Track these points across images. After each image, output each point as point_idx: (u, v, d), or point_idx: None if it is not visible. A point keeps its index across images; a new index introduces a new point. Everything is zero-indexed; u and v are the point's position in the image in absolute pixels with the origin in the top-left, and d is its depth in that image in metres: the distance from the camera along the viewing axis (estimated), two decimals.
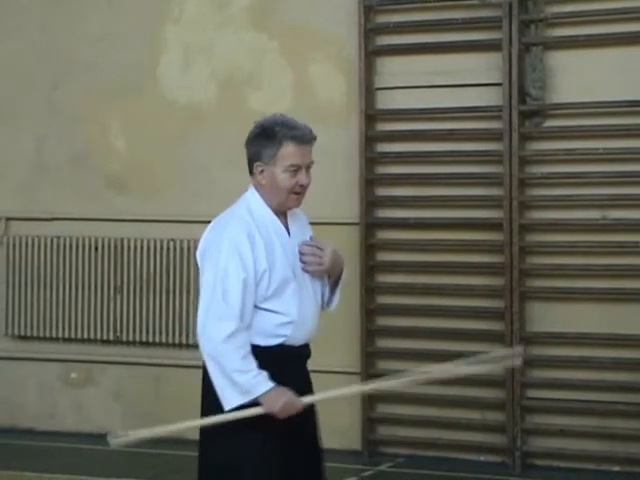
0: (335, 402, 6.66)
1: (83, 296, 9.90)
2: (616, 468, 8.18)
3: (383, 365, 8.97)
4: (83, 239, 9.85)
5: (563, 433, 8.37)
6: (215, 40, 9.55)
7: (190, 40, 9.64)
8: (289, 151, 4.52)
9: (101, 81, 9.88)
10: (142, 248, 9.67)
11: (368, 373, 8.76)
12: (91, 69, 9.92)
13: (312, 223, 4.95)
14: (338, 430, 8.35)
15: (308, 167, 4.56)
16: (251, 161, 4.61)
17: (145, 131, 9.76)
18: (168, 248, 9.52)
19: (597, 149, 8.32)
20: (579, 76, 8.37)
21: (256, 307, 4.41)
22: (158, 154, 9.71)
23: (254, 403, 4.35)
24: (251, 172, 4.64)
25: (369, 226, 8.89)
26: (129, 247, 9.68)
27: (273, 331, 4.41)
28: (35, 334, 10.05)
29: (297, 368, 4.59)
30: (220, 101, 9.50)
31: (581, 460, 8.25)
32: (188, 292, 9.48)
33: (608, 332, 8.12)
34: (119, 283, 9.73)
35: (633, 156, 8.20)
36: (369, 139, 8.85)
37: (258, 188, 4.57)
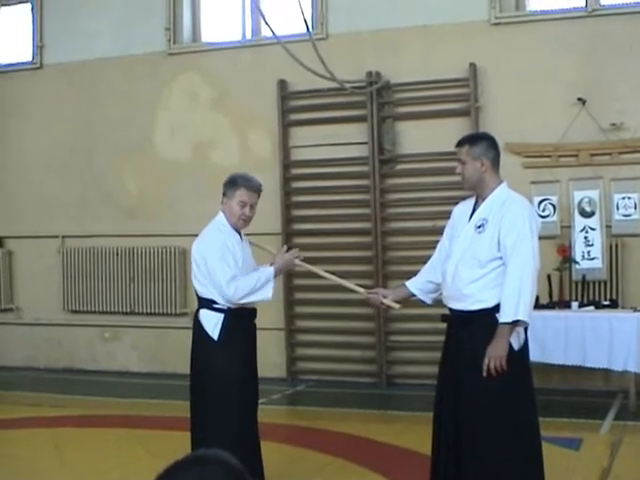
0: (270, 346, 9.39)
1: (110, 284, 11.72)
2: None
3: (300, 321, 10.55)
4: (109, 248, 11.73)
5: (412, 363, 10.38)
6: (189, 119, 11.50)
7: (173, 119, 11.61)
8: (241, 193, 5.64)
9: (119, 148, 11.75)
10: (146, 253, 11.55)
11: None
12: (112, 140, 11.78)
13: (253, 233, 6.14)
14: (272, 365, 10.23)
15: (252, 205, 5.63)
16: (223, 195, 5.69)
17: (146, 179, 11.65)
18: (162, 252, 11.39)
19: (429, 185, 10.10)
20: (414, 137, 10.44)
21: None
22: (155, 193, 11.57)
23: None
24: (222, 202, 5.72)
25: (288, 234, 10.93)
26: (138, 252, 11.57)
27: None
28: (82, 309, 11.94)
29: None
30: (193, 158, 11.42)
31: (422, 378, 9.78)
32: (175, 279, 11.29)
33: None
34: (132, 275, 11.60)
35: (449, 187, 9.65)
36: (286, 179, 10.99)
37: (224, 212, 5.67)
